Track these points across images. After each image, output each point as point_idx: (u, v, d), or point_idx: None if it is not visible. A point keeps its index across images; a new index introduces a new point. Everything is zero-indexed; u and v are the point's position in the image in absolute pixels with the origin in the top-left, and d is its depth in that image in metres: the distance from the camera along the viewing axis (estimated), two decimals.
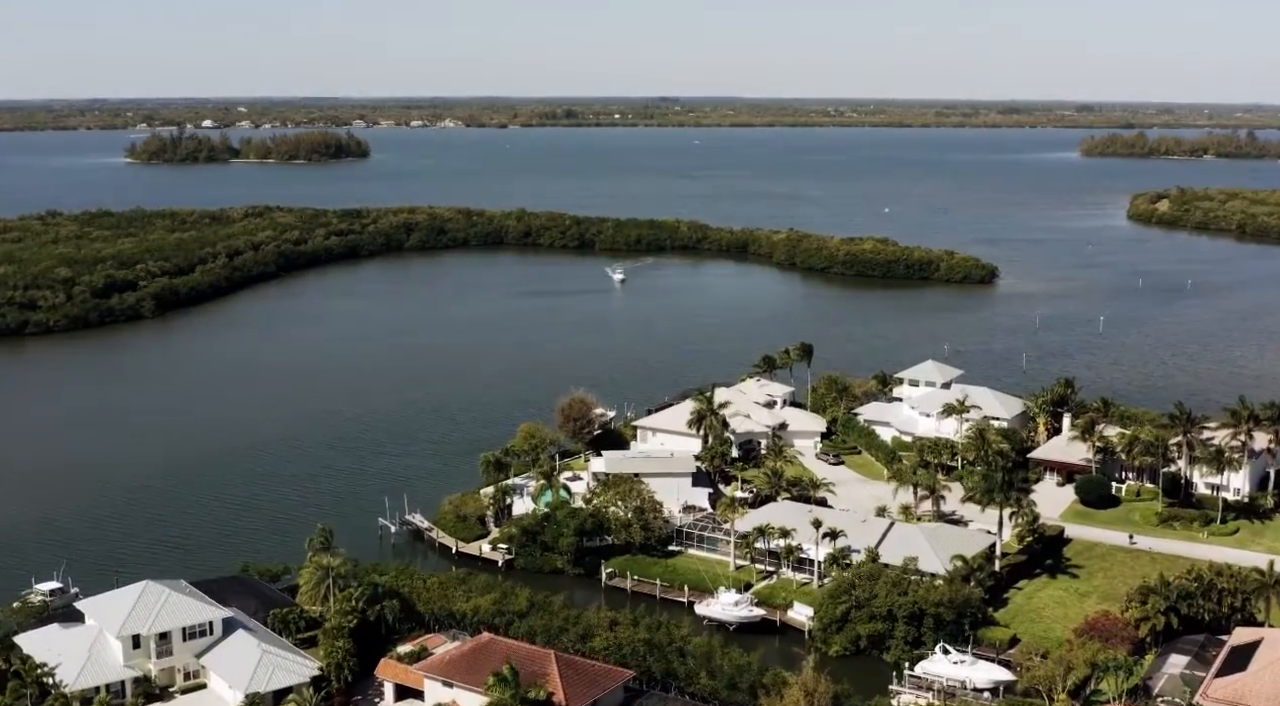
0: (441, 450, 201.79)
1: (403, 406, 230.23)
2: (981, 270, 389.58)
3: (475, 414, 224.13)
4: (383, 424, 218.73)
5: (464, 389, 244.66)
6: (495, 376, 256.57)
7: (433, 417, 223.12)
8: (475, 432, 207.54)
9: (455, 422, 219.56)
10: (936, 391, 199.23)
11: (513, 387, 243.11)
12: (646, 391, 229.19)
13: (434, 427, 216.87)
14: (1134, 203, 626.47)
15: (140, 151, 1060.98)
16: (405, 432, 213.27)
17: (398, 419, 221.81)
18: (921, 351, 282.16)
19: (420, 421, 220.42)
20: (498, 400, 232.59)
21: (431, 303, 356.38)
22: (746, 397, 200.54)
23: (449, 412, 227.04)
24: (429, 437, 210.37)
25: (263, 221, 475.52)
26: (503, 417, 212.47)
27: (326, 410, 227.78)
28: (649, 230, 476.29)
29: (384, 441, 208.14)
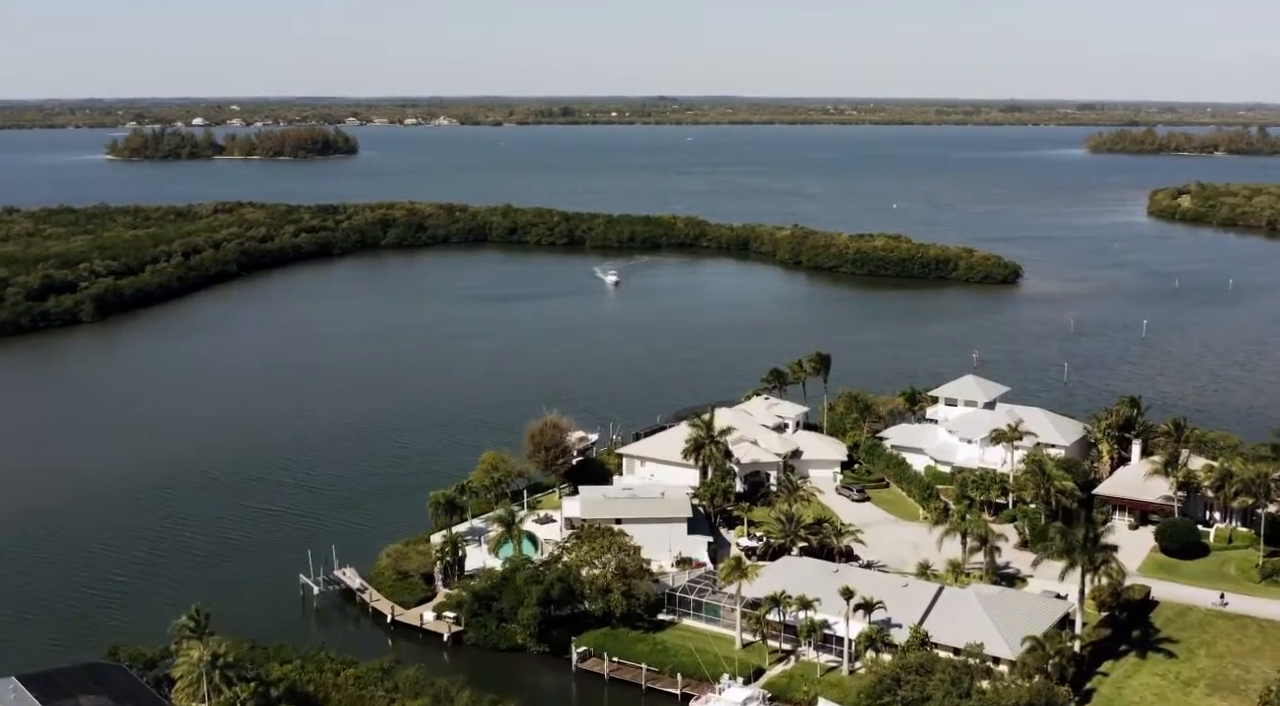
0: (385, 485, 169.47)
1: (347, 428, 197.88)
2: (1004, 269, 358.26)
3: (432, 438, 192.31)
4: (319, 450, 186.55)
5: (423, 407, 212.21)
6: (462, 392, 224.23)
7: (380, 443, 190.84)
8: (429, 462, 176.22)
9: (406, 450, 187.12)
10: (978, 412, 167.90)
11: (481, 406, 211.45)
12: (636, 411, 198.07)
13: (380, 455, 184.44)
14: (1154, 199, 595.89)
15: (121, 148, 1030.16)
16: (344, 461, 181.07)
17: (338, 444, 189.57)
18: (944, 361, 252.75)
19: (365, 447, 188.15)
20: (462, 421, 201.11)
21: (401, 305, 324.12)
22: (753, 420, 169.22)
23: (401, 436, 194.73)
24: (372, 468, 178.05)
25: (230, 218, 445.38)
26: (466, 443, 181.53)
27: (254, 434, 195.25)
28: (643, 227, 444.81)
29: (316, 473, 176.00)
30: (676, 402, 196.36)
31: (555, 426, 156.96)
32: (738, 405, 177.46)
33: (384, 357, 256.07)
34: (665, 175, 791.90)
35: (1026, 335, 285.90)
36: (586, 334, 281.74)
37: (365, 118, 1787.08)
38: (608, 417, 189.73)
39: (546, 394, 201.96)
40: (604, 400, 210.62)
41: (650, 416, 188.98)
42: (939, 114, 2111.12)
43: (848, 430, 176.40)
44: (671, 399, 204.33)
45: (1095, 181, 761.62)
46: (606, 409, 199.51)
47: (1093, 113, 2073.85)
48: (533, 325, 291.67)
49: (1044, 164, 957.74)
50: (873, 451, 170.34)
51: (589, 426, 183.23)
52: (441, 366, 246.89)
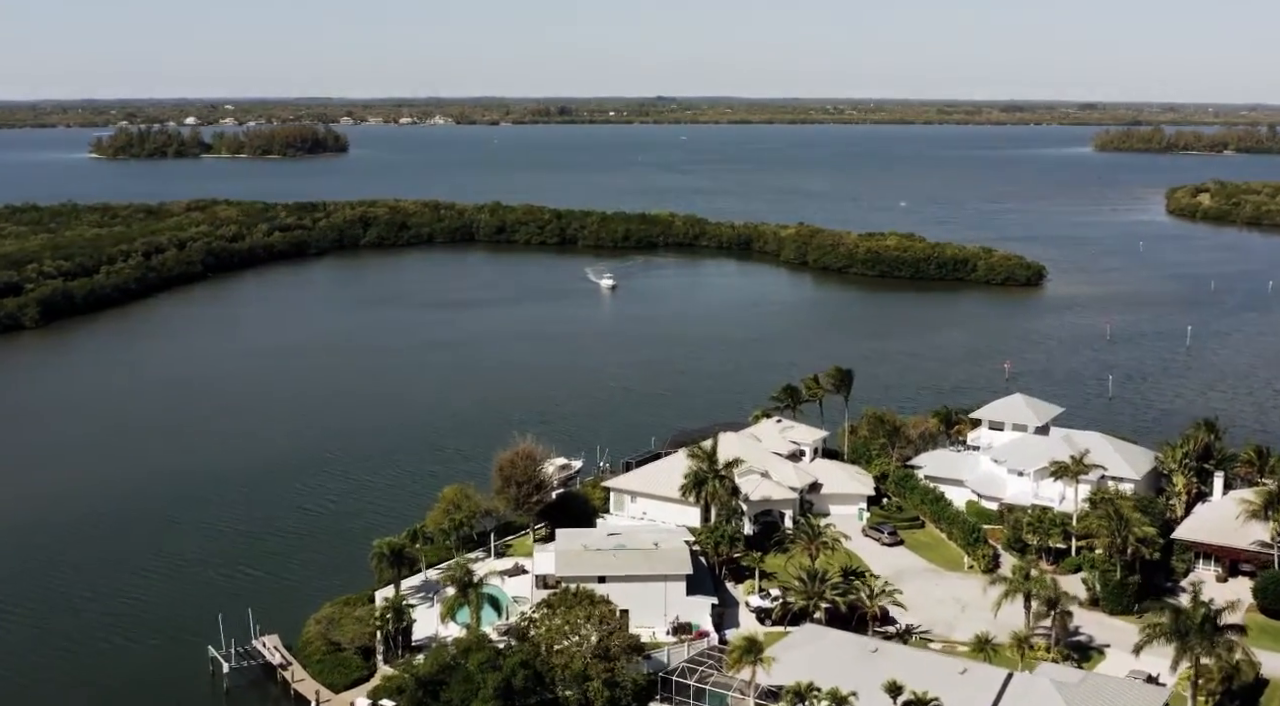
0: (324, 529, 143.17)
1: (285, 457, 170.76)
2: (1026, 270, 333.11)
3: (387, 469, 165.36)
4: (250, 484, 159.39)
5: (380, 431, 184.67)
6: (427, 413, 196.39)
7: (323, 475, 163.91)
8: (380, 500, 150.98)
9: (353, 484, 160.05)
10: (1029, 438, 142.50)
11: (449, 429, 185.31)
12: (628, 435, 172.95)
13: (321, 491, 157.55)
14: (1173, 197, 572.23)
15: (106, 146, 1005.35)
16: (277, 499, 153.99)
17: (273, 476, 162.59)
18: (970, 372, 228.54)
19: (304, 480, 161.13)
20: (424, 448, 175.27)
21: (370, 310, 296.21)
22: (763, 447, 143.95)
23: (349, 467, 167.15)
24: (310, 507, 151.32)
25: (202, 216, 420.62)
26: (426, 475, 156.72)
27: (174, 463, 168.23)
28: (639, 225, 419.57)
29: (242, 513, 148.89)
30: (674, 424, 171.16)
31: (529, 456, 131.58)
32: (745, 428, 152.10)
33: (342, 371, 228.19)
34: (659, 172, 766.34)
35: (1056, 343, 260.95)
36: (575, 344, 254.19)
37: (360, 117, 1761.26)
38: (594, 442, 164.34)
39: (525, 414, 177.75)
40: (591, 421, 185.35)
41: (643, 441, 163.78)
42: (940, 113, 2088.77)
43: (873, 458, 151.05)
44: (669, 420, 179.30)
45: (1107, 179, 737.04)
46: (594, 432, 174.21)
47: (1095, 112, 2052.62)
48: (515, 334, 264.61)
49: (1052, 162, 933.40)
50: (904, 484, 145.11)
51: (572, 452, 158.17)
52: (406, 382, 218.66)
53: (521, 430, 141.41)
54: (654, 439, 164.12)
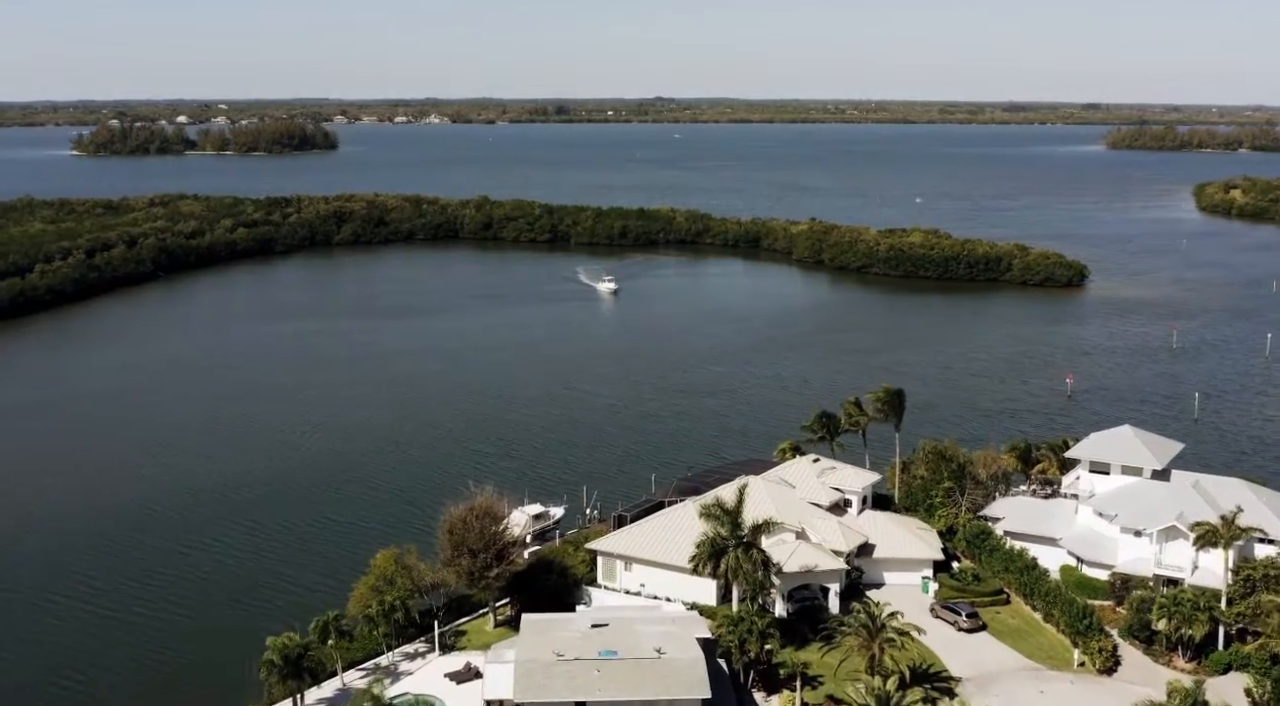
0: (206, 621, 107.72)
1: (170, 512, 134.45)
2: (1067, 270, 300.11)
3: (307, 527, 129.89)
4: (104, 547, 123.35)
5: (307, 472, 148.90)
6: (373, 446, 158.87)
7: (218, 529, 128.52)
8: (290, 570, 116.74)
9: (255, 545, 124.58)
10: (1145, 486, 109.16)
11: (397, 468, 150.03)
12: (623, 476, 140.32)
13: (211, 558, 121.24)
14: (1203, 193, 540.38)
15: (87, 143, 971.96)
16: (149, 574, 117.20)
17: (144, 530, 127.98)
18: (1020, 389, 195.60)
19: (188, 539, 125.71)
20: (361, 493, 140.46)
21: (332, 318, 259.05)
22: (798, 497, 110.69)
23: (254, 522, 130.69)
24: (189, 585, 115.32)
25: (164, 211, 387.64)
26: (359, 534, 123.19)
27: (30, 516, 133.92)
28: (637, 221, 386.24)
29: (89, 590, 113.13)
30: (681, 460, 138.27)
31: (487, 514, 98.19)
32: (772, 468, 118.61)
33: (273, 396, 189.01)
34: (658, 170, 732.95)
35: (1110, 353, 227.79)
36: (564, 358, 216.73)
37: (354, 116, 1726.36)
38: (581, 483, 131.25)
39: (496, 447, 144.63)
40: (577, 456, 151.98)
41: (642, 483, 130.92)
42: (942, 113, 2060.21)
43: (936, 507, 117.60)
44: (674, 456, 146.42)
45: (1127, 177, 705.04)
46: (580, 470, 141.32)
47: (1099, 112, 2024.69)
48: (493, 344, 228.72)
49: (1065, 160, 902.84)
50: (980, 543, 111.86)
51: (552, 497, 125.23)
52: (347, 406, 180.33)
53: (479, 480, 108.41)
54: (654, 478, 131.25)
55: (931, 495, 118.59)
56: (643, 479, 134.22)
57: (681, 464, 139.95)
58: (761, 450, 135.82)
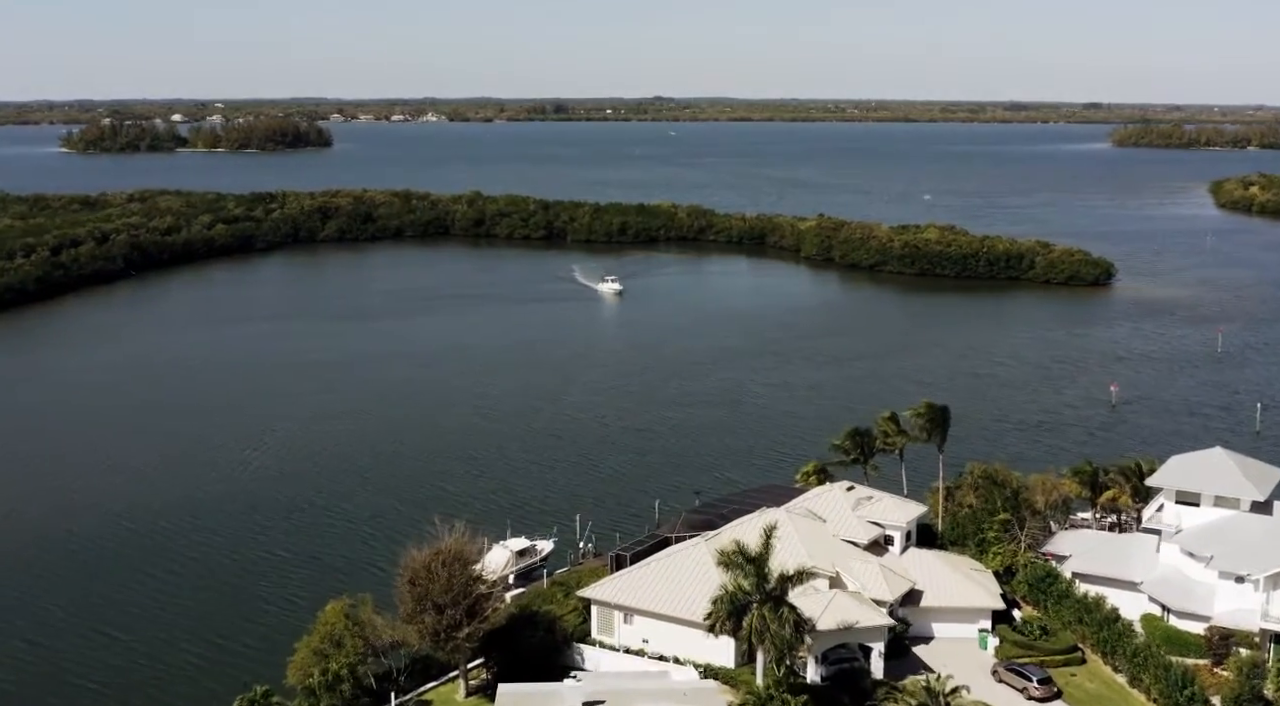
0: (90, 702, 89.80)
1: (100, 541, 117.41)
2: (1093, 268, 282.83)
3: (248, 574, 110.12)
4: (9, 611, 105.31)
5: (252, 499, 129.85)
6: (334, 471, 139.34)
7: (146, 570, 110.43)
8: (218, 632, 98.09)
9: (183, 592, 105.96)
10: (1243, 520, 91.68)
11: (360, 502, 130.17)
12: (623, 504, 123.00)
13: (116, 610, 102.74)
14: (1221, 189, 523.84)
15: (76, 140, 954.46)
16: (45, 640, 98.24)
17: (64, 575, 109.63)
18: (1057, 399, 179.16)
19: (99, 590, 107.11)
20: (313, 529, 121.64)
21: (301, 319, 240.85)
22: (830, 532, 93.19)
23: (184, 564, 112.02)
24: (93, 642, 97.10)
25: (142, 207, 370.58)
26: (304, 582, 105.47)
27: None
28: (637, 217, 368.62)
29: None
30: (686, 484, 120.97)
31: (457, 559, 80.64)
32: (796, 497, 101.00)
33: (220, 406, 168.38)
34: (656, 166, 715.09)
35: (1150, 358, 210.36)
36: (554, 369, 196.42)
37: (351, 114, 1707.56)
38: (574, 511, 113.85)
39: (473, 474, 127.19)
40: (569, 481, 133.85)
41: (645, 512, 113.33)
42: (944, 112, 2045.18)
43: (989, 543, 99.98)
44: (679, 478, 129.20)
45: (1137, 173, 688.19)
46: (572, 498, 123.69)
47: (1101, 112, 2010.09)
48: (476, 353, 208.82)
49: (1072, 157, 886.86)
50: (1045, 587, 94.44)
51: (539, 528, 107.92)
52: (307, 423, 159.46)
53: (453, 510, 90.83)
54: (658, 505, 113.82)
55: (983, 528, 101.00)
56: (644, 505, 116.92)
57: (686, 488, 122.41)
58: (773, 470, 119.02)
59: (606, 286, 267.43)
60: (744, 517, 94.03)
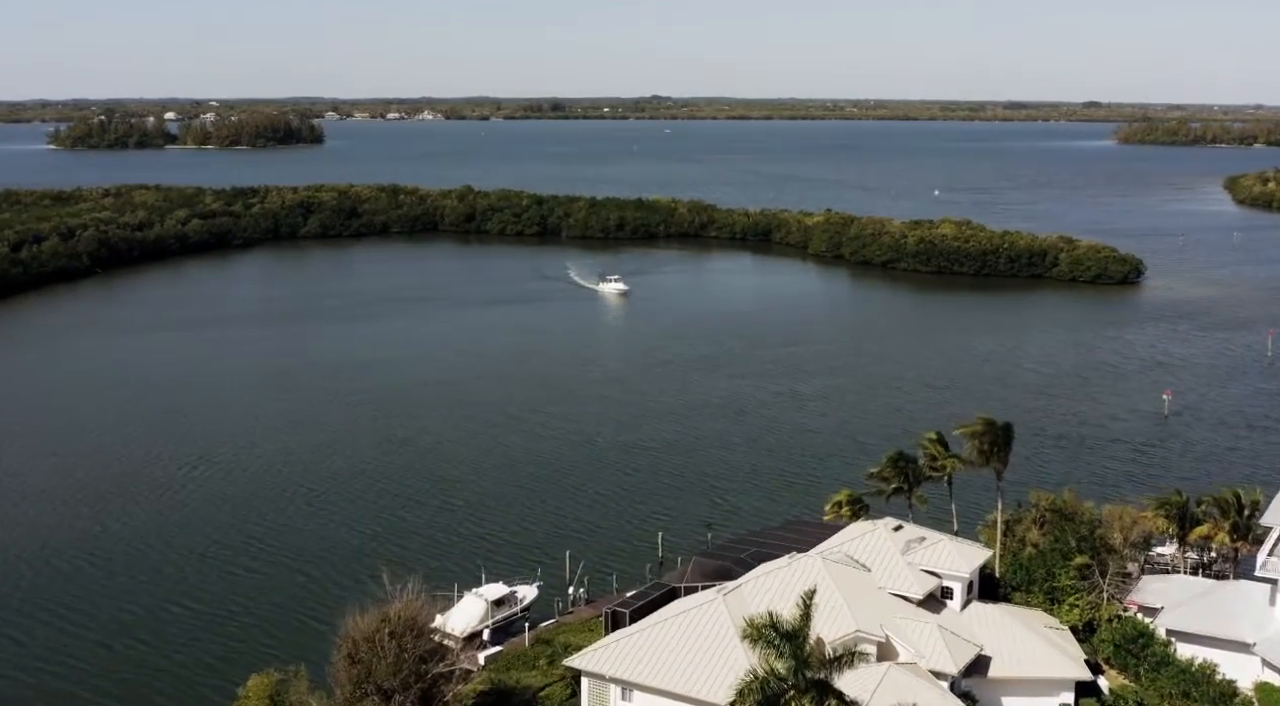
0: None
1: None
2: (1121, 265, 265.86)
3: (151, 636, 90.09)
4: None
5: (170, 543, 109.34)
6: (276, 507, 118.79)
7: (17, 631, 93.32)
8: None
9: (73, 654, 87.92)
10: None
11: (304, 540, 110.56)
12: (621, 543, 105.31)
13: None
14: (1238, 185, 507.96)
15: (64, 137, 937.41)
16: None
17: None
18: (1100, 409, 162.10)
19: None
20: (237, 586, 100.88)
21: (264, 322, 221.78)
22: (875, 584, 75.83)
23: (71, 613, 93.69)
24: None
25: (116, 202, 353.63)
26: (226, 646, 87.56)
27: None
28: (635, 213, 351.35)
29: None
30: (694, 515, 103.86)
31: (410, 630, 63.31)
32: (834, 537, 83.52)
33: (154, 421, 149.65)
34: (654, 163, 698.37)
35: (1193, 364, 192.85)
36: (548, 380, 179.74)
37: (346, 112, 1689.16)
38: (561, 550, 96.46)
39: (442, 503, 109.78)
40: (557, 513, 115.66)
41: (643, 545, 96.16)
42: (943, 111, 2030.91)
43: (1064, 592, 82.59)
44: (689, 509, 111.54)
45: (1147, 170, 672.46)
46: (560, 532, 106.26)
47: (1102, 110, 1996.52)
48: (452, 361, 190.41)
49: (1079, 154, 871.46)
50: (1136, 649, 77.23)
51: (521, 571, 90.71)
52: (252, 441, 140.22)
53: (414, 550, 73.38)
54: (661, 540, 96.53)
55: (1055, 573, 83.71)
56: (645, 539, 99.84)
57: (693, 518, 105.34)
58: (792, 497, 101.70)
59: (609, 286, 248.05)
60: (769, 565, 76.92)
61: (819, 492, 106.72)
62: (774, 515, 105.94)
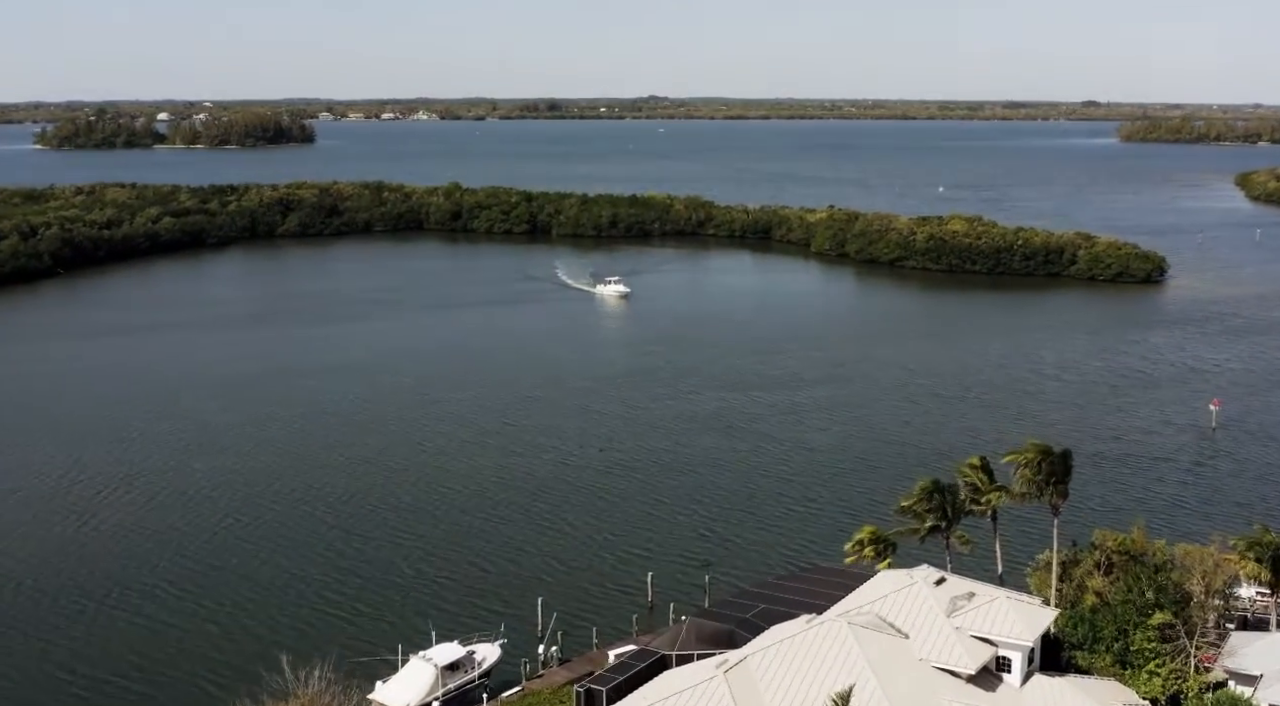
0: None
1: None
2: (1144, 263, 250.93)
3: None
4: None
5: (46, 593, 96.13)
6: (187, 553, 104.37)
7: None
8: None
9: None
10: None
11: (221, 596, 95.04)
12: (595, 584, 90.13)
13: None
14: (1250, 182, 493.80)
15: (50, 137, 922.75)
16: None
17: None
18: (1134, 421, 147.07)
19: None
20: (145, 648, 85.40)
21: (215, 327, 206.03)
22: (915, 656, 60.67)
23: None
24: None
25: (88, 200, 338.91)
26: None
27: None
28: (629, 210, 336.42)
29: None
30: (686, 555, 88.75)
31: None
32: (860, 588, 68.30)
33: (64, 440, 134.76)
34: (651, 161, 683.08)
35: (1230, 370, 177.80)
36: (522, 393, 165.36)
37: (340, 112, 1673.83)
38: (531, 598, 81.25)
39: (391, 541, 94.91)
40: (526, 550, 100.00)
41: (625, 588, 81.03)
42: (942, 110, 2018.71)
43: (1144, 656, 67.43)
44: (685, 543, 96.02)
45: (1155, 167, 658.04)
46: (525, 574, 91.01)
47: (1101, 109, 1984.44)
48: (423, 378, 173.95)
49: (1083, 151, 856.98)
50: None
51: (479, 626, 75.50)
52: (175, 463, 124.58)
53: (314, 637, 58.29)
54: (650, 581, 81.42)
55: (1129, 631, 68.57)
56: (629, 583, 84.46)
57: (690, 557, 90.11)
58: (794, 526, 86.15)
59: (608, 289, 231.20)
60: (781, 629, 61.93)
61: (827, 523, 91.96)
62: (779, 549, 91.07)
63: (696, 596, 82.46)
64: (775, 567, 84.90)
